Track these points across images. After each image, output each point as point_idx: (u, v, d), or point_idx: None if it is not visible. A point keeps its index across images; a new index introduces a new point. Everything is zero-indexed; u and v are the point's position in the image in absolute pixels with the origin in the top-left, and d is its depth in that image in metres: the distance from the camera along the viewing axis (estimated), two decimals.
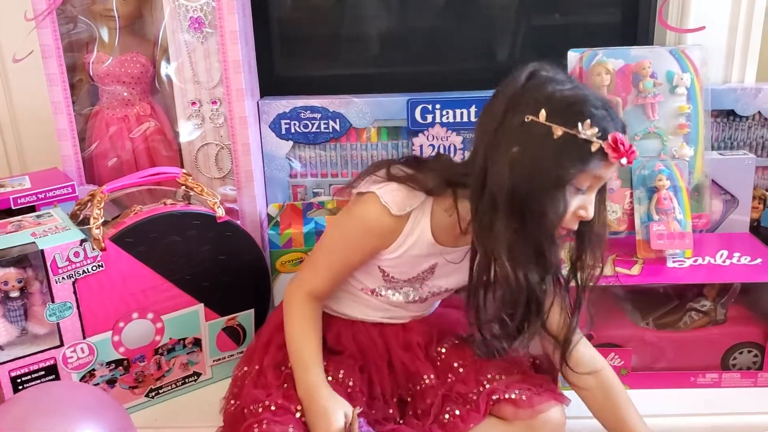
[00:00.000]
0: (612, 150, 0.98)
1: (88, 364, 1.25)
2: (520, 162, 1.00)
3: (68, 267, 1.18)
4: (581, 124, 0.97)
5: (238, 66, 1.39)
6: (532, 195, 1.00)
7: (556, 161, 0.98)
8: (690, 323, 1.37)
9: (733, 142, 1.52)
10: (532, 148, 0.99)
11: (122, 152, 1.49)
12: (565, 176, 0.99)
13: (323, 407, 1.08)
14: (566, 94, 1.00)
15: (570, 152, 0.98)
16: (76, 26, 1.45)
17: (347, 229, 1.15)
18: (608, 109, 1.01)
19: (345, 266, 1.15)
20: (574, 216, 1.03)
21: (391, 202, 1.09)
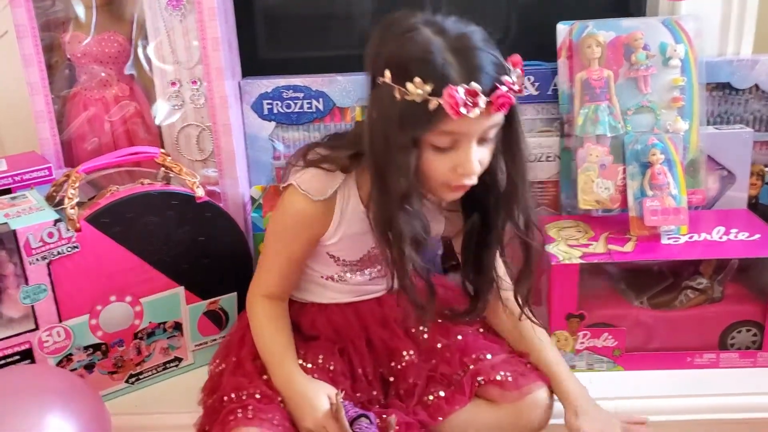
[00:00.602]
0: (448, 107, 0.90)
1: (64, 349, 1.22)
2: (375, 125, 0.98)
3: (42, 248, 1.15)
4: (411, 84, 0.91)
5: (217, 44, 1.35)
6: (384, 158, 0.97)
7: (399, 124, 0.94)
8: (686, 302, 1.33)
9: (730, 116, 1.47)
10: (382, 110, 0.96)
11: (101, 135, 1.46)
12: (408, 140, 0.95)
13: (304, 394, 1.06)
14: (411, 47, 0.93)
15: (410, 114, 0.93)
16: (53, 5, 1.42)
17: (279, 226, 1.14)
18: (463, 53, 0.92)
19: (289, 262, 1.14)
20: (454, 174, 0.98)
21: (309, 189, 1.07)
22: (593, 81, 1.37)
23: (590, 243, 1.31)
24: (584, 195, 1.37)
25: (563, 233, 1.35)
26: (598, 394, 1.24)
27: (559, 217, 1.44)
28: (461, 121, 0.92)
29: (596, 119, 1.36)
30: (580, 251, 1.28)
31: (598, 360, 1.30)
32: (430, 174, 0.99)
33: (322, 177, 1.08)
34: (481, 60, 0.93)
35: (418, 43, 0.93)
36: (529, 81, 1.44)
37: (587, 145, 1.37)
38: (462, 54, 0.92)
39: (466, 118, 0.91)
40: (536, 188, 1.46)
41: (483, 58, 0.93)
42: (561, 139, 1.43)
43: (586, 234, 1.34)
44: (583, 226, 1.37)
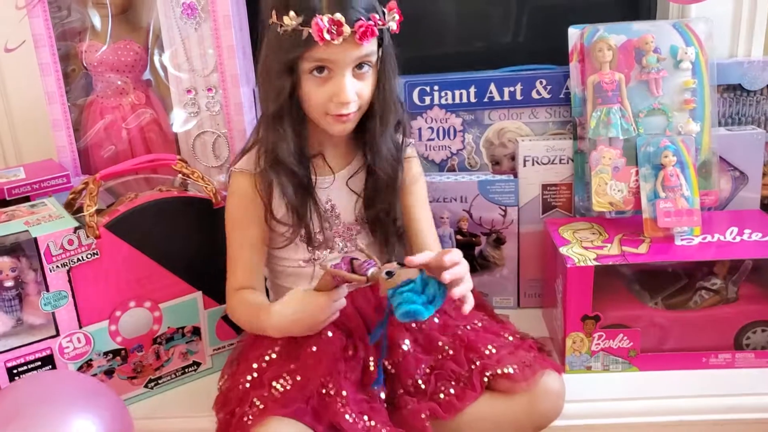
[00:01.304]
0: (315, 33, 1.02)
1: (84, 354, 1.23)
2: (262, 64, 1.12)
3: (62, 255, 1.17)
4: (286, 17, 1.03)
5: (232, 51, 1.37)
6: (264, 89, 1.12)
7: (277, 53, 1.07)
8: (700, 302, 1.34)
9: (741, 118, 1.48)
10: (267, 48, 1.10)
11: (118, 142, 1.48)
12: (285, 65, 1.06)
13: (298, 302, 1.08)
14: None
15: (286, 44, 1.05)
16: (70, 15, 1.44)
17: (229, 213, 1.20)
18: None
19: (252, 248, 1.19)
20: (332, 103, 1.08)
21: (244, 165, 1.17)
22: (605, 84, 1.38)
23: (604, 245, 1.32)
24: (598, 197, 1.38)
25: (578, 235, 1.35)
26: (614, 394, 1.26)
27: (572, 219, 1.45)
28: (329, 49, 1.04)
29: (608, 122, 1.37)
30: (594, 253, 1.28)
31: (613, 361, 1.31)
32: (310, 103, 1.10)
33: (252, 154, 1.17)
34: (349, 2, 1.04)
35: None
36: (541, 84, 1.45)
37: (600, 148, 1.38)
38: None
39: (332, 45, 1.03)
40: (550, 190, 1.47)
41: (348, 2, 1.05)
42: (574, 142, 1.44)
43: (600, 236, 1.35)
44: (597, 228, 1.38)
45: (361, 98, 1.10)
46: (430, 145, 1.51)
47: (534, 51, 1.52)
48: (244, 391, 1.12)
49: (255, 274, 1.21)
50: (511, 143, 1.50)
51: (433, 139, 1.50)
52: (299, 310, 1.08)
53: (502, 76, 1.45)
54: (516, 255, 1.50)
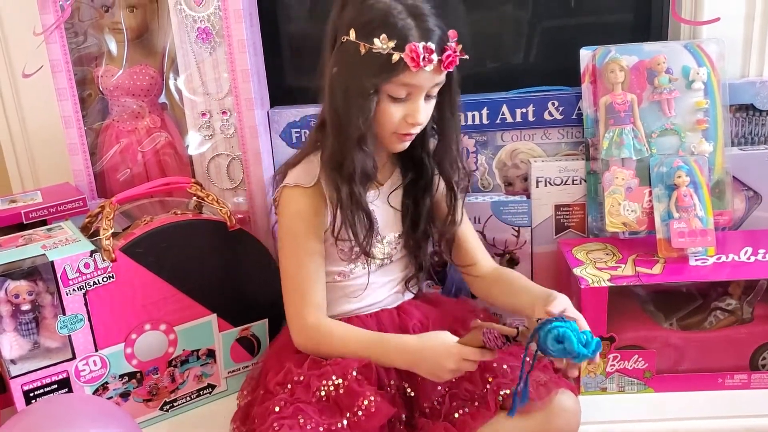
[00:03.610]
0: (410, 60, 1.05)
1: (100, 377, 1.24)
2: (337, 81, 1.11)
3: (79, 278, 1.18)
4: (377, 39, 1.05)
5: (246, 75, 1.38)
6: (345, 104, 1.10)
7: (362, 75, 1.08)
8: (715, 323, 1.33)
9: (754, 137, 1.48)
10: (345, 66, 1.10)
11: (133, 165, 1.49)
12: (370, 87, 1.08)
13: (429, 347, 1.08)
14: (374, 8, 1.07)
15: (373, 66, 1.07)
16: (86, 40, 1.46)
17: (290, 230, 1.18)
18: (419, 18, 1.07)
19: (314, 262, 1.18)
20: (404, 123, 1.12)
21: (298, 179, 1.17)
22: (617, 105, 1.38)
23: (618, 265, 1.31)
24: (611, 217, 1.38)
25: (591, 256, 1.35)
26: (629, 416, 1.25)
27: (586, 239, 1.45)
28: (417, 74, 1.07)
29: (621, 142, 1.37)
30: (608, 274, 1.28)
31: (629, 382, 1.30)
32: (383, 121, 1.12)
33: (304, 166, 1.18)
34: (433, 25, 1.08)
35: (380, 7, 1.08)
36: (553, 106, 1.45)
37: (613, 168, 1.38)
38: (418, 18, 1.07)
39: (422, 71, 1.06)
40: (563, 211, 1.47)
41: (434, 24, 1.09)
42: (586, 163, 1.44)
43: (614, 256, 1.35)
44: (610, 249, 1.38)
45: (426, 120, 1.15)
46: None
47: (546, 72, 1.52)
48: (267, 412, 1.10)
49: (322, 290, 1.19)
50: (523, 164, 1.50)
51: None
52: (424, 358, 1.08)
53: (515, 98, 1.46)
54: (529, 275, 1.49)
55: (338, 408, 1.08)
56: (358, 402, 1.06)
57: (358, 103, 1.09)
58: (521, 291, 1.20)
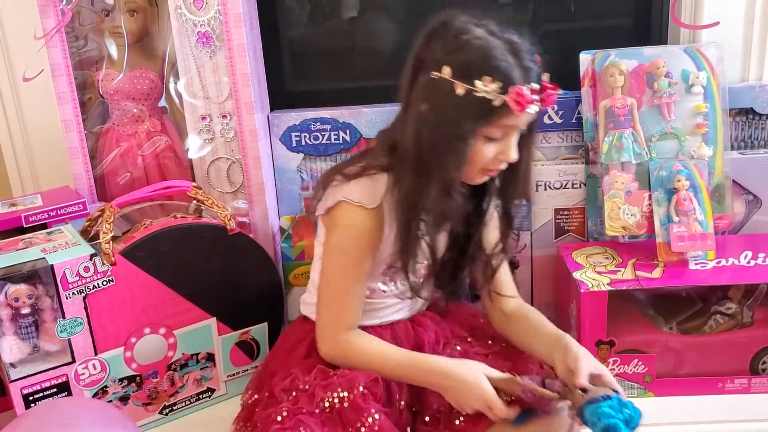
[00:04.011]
0: (515, 104, 0.99)
1: (100, 381, 1.24)
2: (427, 119, 1.03)
3: (78, 282, 1.18)
4: (480, 81, 0.99)
5: (246, 79, 1.38)
6: (435, 148, 1.03)
7: (460, 117, 1.01)
8: (715, 327, 1.33)
9: (754, 141, 1.48)
10: (438, 105, 1.02)
11: (133, 169, 1.49)
12: (469, 131, 1.02)
13: (460, 378, 1.06)
14: (471, 46, 1.01)
15: (473, 108, 1.00)
16: (86, 44, 1.46)
17: (343, 247, 1.13)
18: (522, 57, 1.01)
19: (362, 284, 1.14)
20: (495, 160, 1.07)
21: (362, 199, 1.09)
22: (617, 109, 1.38)
23: (618, 269, 1.31)
24: (611, 221, 1.38)
25: (591, 260, 1.35)
26: None
27: (585, 243, 1.45)
28: (518, 115, 1.01)
29: (621, 146, 1.37)
30: (608, 278, 1.28)
31: (628, 386, 1.30)
32: (475, 161, 1.06)
33: (368, 183, 1.11)
34: (532, 62, 1.03)
35: (478, 45, 1.01)
36: (553, 110, 1.45)
37: (613, 172, 1.38)
38: (518, 56, 1.01)
39: (525, 113, 1.00)
40: (563, 215, 1.47)
41: (530, 59, 1.03)
42: (586, 167, 1.44)
43: (614, 260, 1.35)
44: (610, 252, 1.38)
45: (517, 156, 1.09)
46: None
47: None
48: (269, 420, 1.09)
49: (360, 309, 1.15)
50: None
51: None
52: (453, 387, 1.06)
53: None
54: (529, 279, 1.50)
55: (341, 421, 1.06)
56: (362, 418, 1.05)
57: (452, 147, 1.03)
58: (538, 335, 1.16)
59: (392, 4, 1.62)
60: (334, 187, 1.13)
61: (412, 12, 1.62)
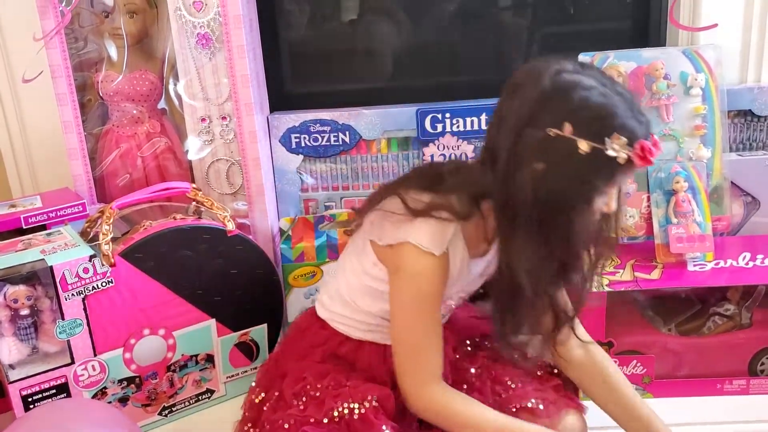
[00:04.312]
0: (639, 159, 0.93)
1: (99, 382, 1.24)
2: (544, 179, 0.95)
3: (78, 283, 1.18)
4: (609, 139, 0.92)
5: (246, 80, 1.39)
6: (557, 212, 0.96)
7: (583, 178, 0.94)
8: (714, 328, 1.34)
9: (752, 143, 1.48)
10: (557, 164, 0.94)
11: (133, 170, 1.49)
12: (592, 192, 0.96)
13: None
14: (593, 102, 0.94)
15: (598, 168, 0.94)
16: (86, 46, 1.46)
17: (414, 295, 1.05)
18: (635, 108, 0.96)
19: (436, 327, 1.07)
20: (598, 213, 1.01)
21: (431, 245, 1.02)
22: None
23: (617, 271, 1.32)
24: None
25: None
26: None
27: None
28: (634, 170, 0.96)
29: None
30: (606, 279, 1.28)
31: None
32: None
33: (437, 228, 1.03)
34: (645, 114, 0.97)
35: (599, 101, 0.94)
36: None
37: None
38: (635, 109, 0.96)
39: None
40: None
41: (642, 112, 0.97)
42: None
43: (613, 261, 1.35)
44: None
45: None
46: None
47: None
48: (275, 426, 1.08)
49: (442, 355, 1.08)
50: None
51: None
52: None
53: None
54: None
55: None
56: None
57: (578, 210, 0.96)
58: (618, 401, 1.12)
59: (392, 6, 1.62)
60: (396, 222, 1.05)
61: (412, 14, 1.62)
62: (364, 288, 1.11)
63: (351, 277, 1.13)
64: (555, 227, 0.97)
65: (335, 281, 1.17)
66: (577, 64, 0.99)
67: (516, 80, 1.01)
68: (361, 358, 1.14)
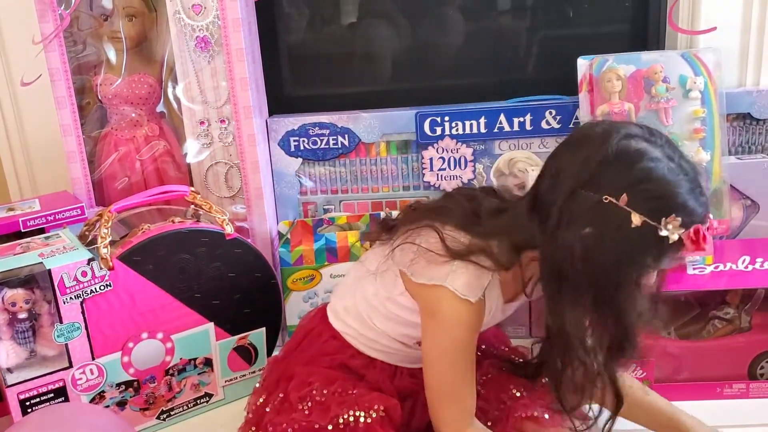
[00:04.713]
0: (692, 243, 0.90)
1: (97, 386, 1.23)
2: (592, 246, 0.92)
3: (76, 287, 1.18)
4: (666, 220, 0.90)
5: (245, 83, 1.39)
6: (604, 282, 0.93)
7: (629, 252, 0.92)
8: (713, 332, 1.33)
9: (751, 146, 1.48)
10: (605, 233, 0.92)
11: (131, 174, 1.49)
12: (638, 269, 0.93)
13: None
14: (655, 177, 0.91)
15: (647, 246, 0.91)
16: (85, 49, 1.46)
17: (450, 343, 1.03)
18: (697, 188, 0.93)
19: (472, 369, 1.05)
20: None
21: (467, 292, 1.00)
22: (614, 114, 1.38)
23: None
24: None
25: None
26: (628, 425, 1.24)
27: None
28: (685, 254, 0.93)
29: None
30: None
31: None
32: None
33: (475, 273, 1.01)
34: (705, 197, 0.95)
35: (663, 178, 0.92)
36: (550, 114, 1.46)
37: None
38: (697, 190, 0.93)
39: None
40: None
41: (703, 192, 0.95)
42: None
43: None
44: None
45: None
46: (441, 175, 1.52)
47: (543, 82, 1.53)
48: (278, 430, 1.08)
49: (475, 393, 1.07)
50: (521, 173, 1.50)
51: (444, 169, 1.51)
52: None
53: (512, 107, 1.47)
54: None
55: None
56: None
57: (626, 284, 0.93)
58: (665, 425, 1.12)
59: (391, 9, 1.62)
60: (432, 261, 1.02)
61: (411, 17, 1.62)
62: (387, 314, 1.10)
63: (373, 299, 1.11)
64: (602, 297, 0.94)
65: (353, 297, 1.14)
66: (646, 130, 0.96)
67: (580, 136, 0.99)
68: (371, 375, 1.13)
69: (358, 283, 1.15)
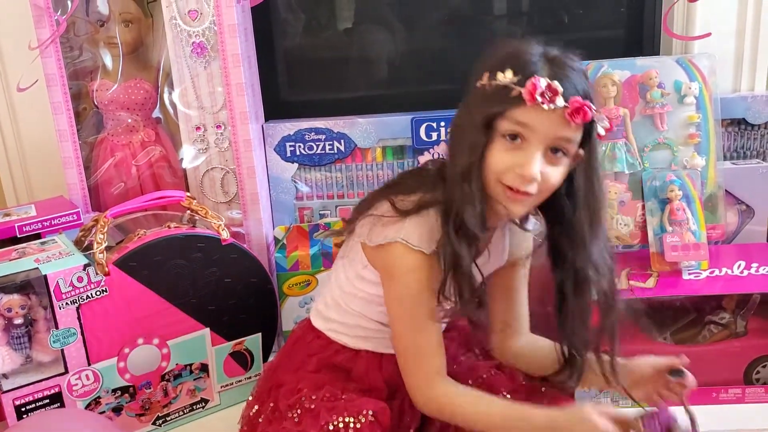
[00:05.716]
0: (528, 94, 0.95)
1: (93, 392, 1.23)
2: (456, 118, 1.05)
3: (72, 292, 1.18)
4: (501, 73, 0.97)
5: (241, 89, 1.39)
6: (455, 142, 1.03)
7: (479, 106, 1.00)
8: (709, 337, 1.34)
9: (746, 151, 1.49)
10: (467, 104, 1.03)
11: (128, 179, 1.49)
12: (483, 116, 0.98)
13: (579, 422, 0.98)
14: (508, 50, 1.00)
15: (492, 98, 0.98)
16: (81, 54, 1.46)
17: (406, 293, 1.04)
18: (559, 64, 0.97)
19: (434, 322, 1.05)
20: (513, 174, 0.98)
21: (420, 243, 1.02)
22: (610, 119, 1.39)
23: None
24: None
25: None
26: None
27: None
28: (534, 115, 0.96)
29: (614, 157, 1.38)
30: None
31: (623, 396, 1.30)
32: (490, 164, 0.99)
33: (423, 224, 1.03)
34: (572, 76, 0.97)
35: (516, 47, 1.00)
36: None
37: (606, 183, 1.38)
38: (557, 64, 0.98)
39: (539, 109, 0.95)
40: None
41: (574, 76, 0.98)
42: None
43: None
44: None
45: (544, 182, 0.99)
46: None
47: None
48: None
49: (444, 353, 1.07)
50: None
51: None
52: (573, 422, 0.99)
53: None
54: None
55: None
56: None
57: (468, 139, 1.00)
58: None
59: (387, 15, 1.63)
60: (386, 224, 1.04)
61: (407, 22, 1.63)
62: (359, 293, 1.11)
63: (345, 284, 1.13)
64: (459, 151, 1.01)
65: (329, 289, 1.17)
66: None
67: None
68: (357, 367, 1.14)
69: (333, 276, 1.17)
